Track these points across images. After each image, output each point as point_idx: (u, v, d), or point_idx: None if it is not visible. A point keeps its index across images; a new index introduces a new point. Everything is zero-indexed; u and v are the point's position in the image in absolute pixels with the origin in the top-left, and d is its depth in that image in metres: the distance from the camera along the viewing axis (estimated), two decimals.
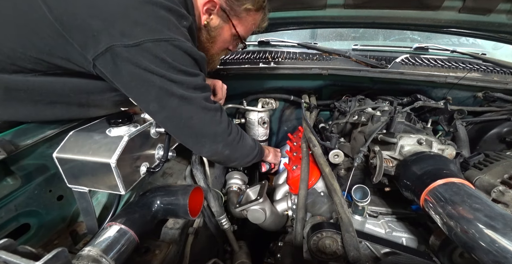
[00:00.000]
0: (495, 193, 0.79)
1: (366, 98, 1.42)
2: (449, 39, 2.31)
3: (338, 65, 1.41)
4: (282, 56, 1.55)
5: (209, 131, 0.85)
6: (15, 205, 0.80)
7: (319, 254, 0.85)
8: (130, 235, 0.76)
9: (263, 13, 0.97)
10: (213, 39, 0.94)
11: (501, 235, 0.51)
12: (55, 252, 0.43)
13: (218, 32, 0.92)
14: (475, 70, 1.35)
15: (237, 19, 0.91)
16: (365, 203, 0.84)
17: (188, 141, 0.86)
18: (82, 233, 0.98)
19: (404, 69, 1.34)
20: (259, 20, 0.98)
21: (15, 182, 0.81)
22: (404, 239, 0.88)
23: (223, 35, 0.94)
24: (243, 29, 0.95)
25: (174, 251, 0.96)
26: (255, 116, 1.58)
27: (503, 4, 1.24)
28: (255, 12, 0.92)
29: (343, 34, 2.36)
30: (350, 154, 1.14)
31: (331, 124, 1.24)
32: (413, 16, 1.43)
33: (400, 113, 1.02)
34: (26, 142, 0.79)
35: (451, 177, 0.68)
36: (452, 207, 0.61)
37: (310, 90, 1.63)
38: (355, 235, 0.77)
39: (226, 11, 0.88)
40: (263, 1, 0.92)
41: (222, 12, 0.88)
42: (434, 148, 0.85)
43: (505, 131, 1.26)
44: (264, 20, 1.01)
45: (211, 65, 1.06)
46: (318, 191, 1.02)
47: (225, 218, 1.15)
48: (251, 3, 0.88)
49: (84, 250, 0.67)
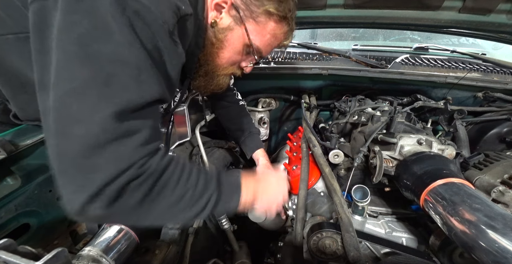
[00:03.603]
0: (495, 193, 0.79)
1: (366, 98, 1.42)
2: (449, 39, 2.32)
3: (338, 65, 1.41)
4: (282, 56, 1.55)
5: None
6: (15, 205, 0.80)
7: (319, 254, 0.85)
8: (130, 235, 0.76)
9: (287, 26, 0.78)
10: (220, 44, 0.76)
11: (501, 235, 0.51)
12: (55, 252, 0.43)
13: (227, 36, 0.74)
14: (475, 70, 1.35)
15: (253, 24, 0.73)
16: (365, 203, 0.84)
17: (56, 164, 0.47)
18: (82, 233, 0.98)
19: (404, 69, 1.34)
20: (280, 34, 0.79)
21: (15, 182, 0.81)
22: (404, 239, 0.88)
23: (233, 41, 0.75)
24: (258, 39, 0.76)
25: (174, 251, 0.96)
26: (255, 116, 1.58)
27: (503, 4, 1.24)
28: (276, 20, 0.74)
29: (343, 34, 2.36)
30: (350, 154, 1.14)
31: (331, 124, 1.24)
32: (413, 16, 1.43)
33: (400, 113, 1.02)
34: (26, 142, 0.79)
35: (451, 177, 0.68)
36: (452, 207, 0.61)
37: (310, 90, 1.63)
38: (355, 235, 0.77)
39: (240, 10, 0.70)
40: (290, 10, 0.74)
41: (235, 11, 0.71)
42: (434, 148, 0.85)
43: (505, 131, 1.26)
44: (288, 36, 0.82)
45: (215, 80, 0.86)
46: (318, 191, 1.02)
47: (225, 218, 1.15)
48: (274, 7, 0.71)
49: (84, 250, 0.67)
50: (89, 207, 0.46)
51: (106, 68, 0.47)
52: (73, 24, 0.46)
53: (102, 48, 0.47)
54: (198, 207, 0.59)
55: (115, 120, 0.46)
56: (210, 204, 0.61)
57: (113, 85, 0.47)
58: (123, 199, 0.49)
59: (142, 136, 0.51)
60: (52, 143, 0.47)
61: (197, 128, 1.27)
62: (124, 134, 0.48)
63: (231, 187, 0.68)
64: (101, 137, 0.46)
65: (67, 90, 0.46)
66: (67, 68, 0.46)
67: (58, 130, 0.46)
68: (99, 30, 0.47)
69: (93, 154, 0.45)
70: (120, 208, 0.49)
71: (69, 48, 0.46)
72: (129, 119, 0.49)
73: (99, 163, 0.46)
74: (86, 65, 0.46)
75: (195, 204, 0.59)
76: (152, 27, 0.51)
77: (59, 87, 0.46)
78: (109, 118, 0.46)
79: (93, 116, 0.45)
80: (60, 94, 0.46)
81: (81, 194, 0.45)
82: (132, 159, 0.49)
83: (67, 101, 0.45)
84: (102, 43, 0.47)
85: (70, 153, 0.46)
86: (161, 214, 0.56)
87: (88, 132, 0.45)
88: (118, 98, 0.47)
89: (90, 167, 0.46)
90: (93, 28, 0.46)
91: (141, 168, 0.50)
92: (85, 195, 0.45)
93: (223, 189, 0.65)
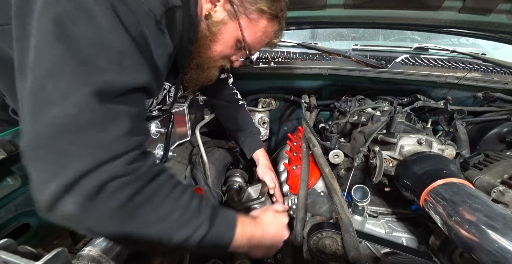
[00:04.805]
0: (495, 193, 0.79)
1: (366, 98, 1.42)
2: (449, 39, 2.32)
3: (338, 65, 1.41)
4: (282, 56, 1.55)
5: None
6: (15, 205, 0.80)
7: (319, 254, 0.85)
8: None
9: (278, 25, 0.81)
10: (213, 37, 0.77)
11: (501, 235, 0.51)
12: (55, 252, 0.43)
13: (220, 30, 0.76)
14: (475, 70, 1.35)
15: (246, 20, 0.76)
16: (365, 203, 0.84)
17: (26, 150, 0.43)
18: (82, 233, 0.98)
19: (404, 69, 1.34)
20: (271, 32, 0.82)
21: (15, 182, 0.81)
22: (404, 239, 0.88)
23: (226, 34, 0.77)
24: (250, 35, 0.79)
25: None
26: (255, 116, 1.58)
27: (503, 4, 1.24)
28: (268, 19, 0.78)
29: (343, 34, 2.36)
30: (350, 154, 1.14)
31: (331, 124, 1.24)
32: (413, 16, 1.43)
33: (400, 113, 1.02)
34: None
35: (451, 177, 0.68)
36: (452, 207, 0.61)
37: (310, 90, 1.63)
38: (355, 235, 0.77)
39: (234, 5, 0.73)
40: (281, 10, 0.78)
41: (230, 6, 0.73)
42: (434, 148, 0.85)
43: (505, 131, 1.27)
44: (278, 34, 0.85)
45: (206, 73, 0.89)
46: (318, 191, 1.02)
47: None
48: (267, 5, 0.74)
49: (84, 250, 0.67)
50: (61, 200, 0.41)
51: (85, 50, 0.44)
52: (52, 4, 0.44)
53: (82, 29, 0.44)
54: (185, 231, 0.52)
55: (93, 101, 0.43)
56: (199, 233, 0.53)
57: (90, 66, 0.44)
58: (103, 198, 0.43)
59: (124, 124, 0.46)
60: (25, 129, 0.43)
61: (197, 128, 1.28)
62: (104, 118, 0.44)
63: (226, 223, 0.60)
64: (78, 118, 0.42)
65: (43, 71, 0.43)
66: (43, 49, 0.43)
67: (32, 114, 0.42)
68: (79, 11, 0.44)
69: (69, 138, 0.41)
70: (98, 208, 0.43)
71: (46, 27, 0.43)
72: (110, 103, 0.45)
73: (74, 148, 0.42)
74: (62, 43, 0.43)
75: (183, 226, 0.52)
76: (137, 13, 0.50)
77: (35, 69, 0.43)
78: (87, 98, 0.43)
79: (69, 96, 0.42)
80: (37, 76, 0.43)
81: (53, 183, 0.40)
82: (114, 149, 0.44)
83: (42, 82, 0.42)
84: (82, 25, 0.44)
85: (43, 137, 0.41)
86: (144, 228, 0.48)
87: (63, 113, 0.42)
88: (96, 78, 0.44)
89: (65, 152, 0.41)
90: (73, 8, 0.44)
91: (129, 166, 0.45)
92: (57, 184, 0.40)
93: (217, 223, 0.57)
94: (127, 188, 0.45)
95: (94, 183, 0.42)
